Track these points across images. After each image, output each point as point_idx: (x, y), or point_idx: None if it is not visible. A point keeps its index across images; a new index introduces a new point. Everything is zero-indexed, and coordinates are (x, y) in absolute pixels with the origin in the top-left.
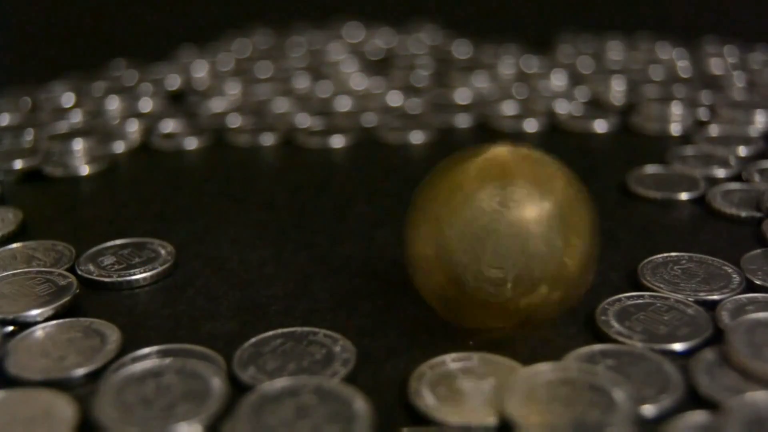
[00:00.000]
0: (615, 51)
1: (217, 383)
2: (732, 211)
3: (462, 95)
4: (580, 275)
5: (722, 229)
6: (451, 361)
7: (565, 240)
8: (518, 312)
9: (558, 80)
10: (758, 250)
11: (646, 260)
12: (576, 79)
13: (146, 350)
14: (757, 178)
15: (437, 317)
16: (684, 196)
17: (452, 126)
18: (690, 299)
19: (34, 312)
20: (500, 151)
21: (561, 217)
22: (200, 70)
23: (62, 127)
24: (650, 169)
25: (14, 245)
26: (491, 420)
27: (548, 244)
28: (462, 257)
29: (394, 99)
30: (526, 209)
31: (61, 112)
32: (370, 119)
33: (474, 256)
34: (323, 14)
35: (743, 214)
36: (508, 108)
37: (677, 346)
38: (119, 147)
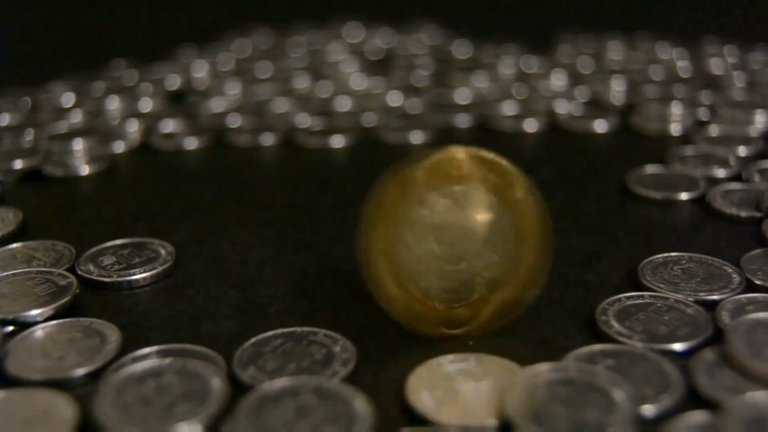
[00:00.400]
0: (615, 51)
1: (217, 383)
2: (732, 211)
3: (462, 95)
4: (528, 283)
5: (722, 229)
6: (449, 362)
7: (516, 246)
8: (465, 318)
9: (558, 80)
10: (758, 250)
11: (646, 260)
12: (576, 79)
13: (146, 350)
14: (757, 178)
15: None
16: (684, 196)
17: (452, 126)
18: (690, 299)
19: (34, 312)
20: (455, 152)
21: (512, 222)
22: (200, 70)
23: (62, 127)
24: (650, 169)
25: (14, 245)
26: (490, 421)
27: (498, 249)
28: (413, 262)
29: (394, 99)
30: (477, 213)
31: (61, 112)
32: (370, 119)
33: (424, 260)
34: (323, 14)
35: (743, 214)
36: (508, 108)
37: (677, 346)
38: (119, 147)
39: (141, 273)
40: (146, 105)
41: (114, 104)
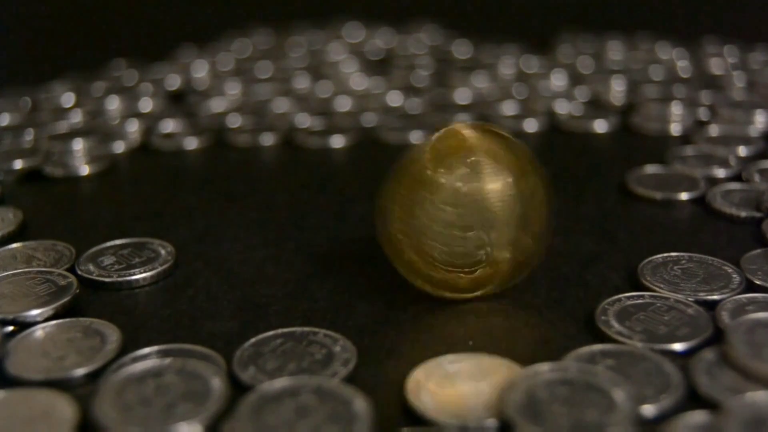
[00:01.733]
0: (615, 51)
1: (217, 383)
2: (732, 211)
3: (462, 95)
4: (536, 244)
5: (722, 229)
6: (449, 362)
7: (523, 213)
8: (481, 279)
9: (558, 80)
10: (758, 250)
11: (646, 260)
12: (576, 79)
13: (146, 350)
14: (757, 178)
15: (437, 317)
16: (684, 196)
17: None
18: (690, 299)
19: (34, 312)
20: (457, 127)
21: (517, 187)
22: (200, 70)
23: (62, 127)
24: (650, 169)
25: (14, 245)
26: (490, 420)
27: (507, 214)
28: (430, 232)
29: (394, 99)
30: (485, 182)
31: (61, 112)
32: (370, 119)
33: (440, 229)
34: (323, 14)
35: (743, 214)
36: (508, 108)
37: (677, 346)
38: (119, 147)
39: (141, 273)
40: (146, 105)
41: (114, 104)
